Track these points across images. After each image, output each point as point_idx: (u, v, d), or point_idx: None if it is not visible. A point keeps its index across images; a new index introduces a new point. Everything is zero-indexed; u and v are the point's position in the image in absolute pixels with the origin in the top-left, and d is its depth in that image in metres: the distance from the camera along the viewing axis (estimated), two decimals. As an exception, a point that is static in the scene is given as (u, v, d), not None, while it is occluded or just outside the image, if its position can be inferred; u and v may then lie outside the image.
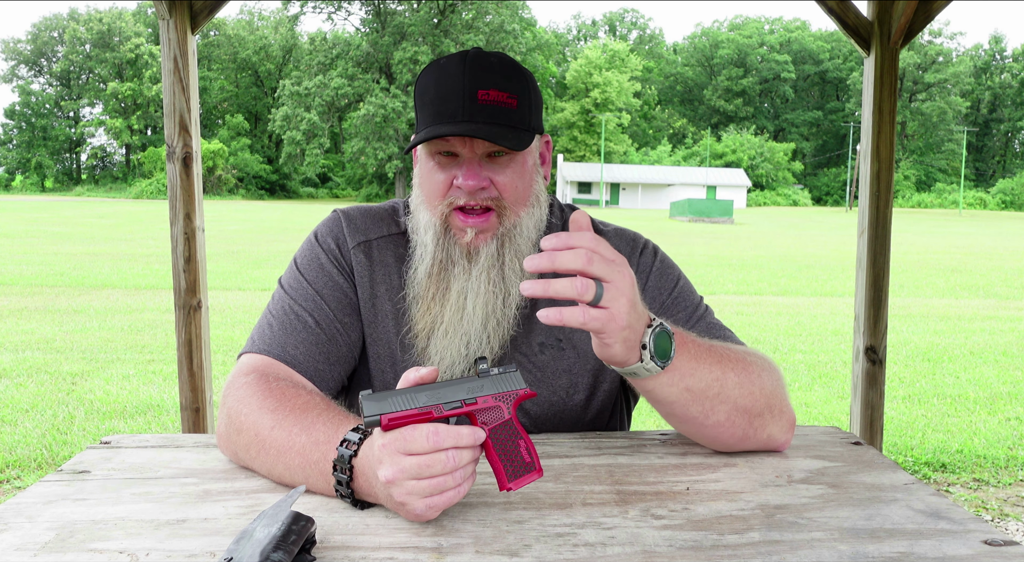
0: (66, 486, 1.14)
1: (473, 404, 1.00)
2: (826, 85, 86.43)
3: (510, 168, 1.32)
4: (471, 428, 0.99)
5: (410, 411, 0.98)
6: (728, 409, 1.19)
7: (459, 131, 1.25)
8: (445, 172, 1.32)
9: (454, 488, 0.97)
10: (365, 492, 1.04)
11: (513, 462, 1.01)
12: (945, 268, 16.13)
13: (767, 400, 1.23)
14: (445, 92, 1.29)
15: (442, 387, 1.00)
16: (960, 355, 7.61)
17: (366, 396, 0.98)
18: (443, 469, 0.96)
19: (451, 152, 1.31)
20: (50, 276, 12.38)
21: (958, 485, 4.18)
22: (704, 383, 1.16)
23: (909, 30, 3.19)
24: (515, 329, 1.37)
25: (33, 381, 6.07)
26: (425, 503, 0.97)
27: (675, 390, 1.14)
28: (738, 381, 1.19)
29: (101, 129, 74.22)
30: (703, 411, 1.17)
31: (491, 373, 1.02)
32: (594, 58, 72.77)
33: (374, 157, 60.71)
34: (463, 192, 1.30)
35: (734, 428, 1.21)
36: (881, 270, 3.31)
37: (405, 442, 0.96)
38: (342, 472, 1.04)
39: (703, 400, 1.16)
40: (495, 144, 1.26)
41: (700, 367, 1.15)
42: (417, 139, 1.30)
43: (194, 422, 3.17)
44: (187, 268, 3.12)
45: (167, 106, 3.10)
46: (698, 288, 1.49)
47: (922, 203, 70.93)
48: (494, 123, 1.27)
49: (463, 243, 1.33)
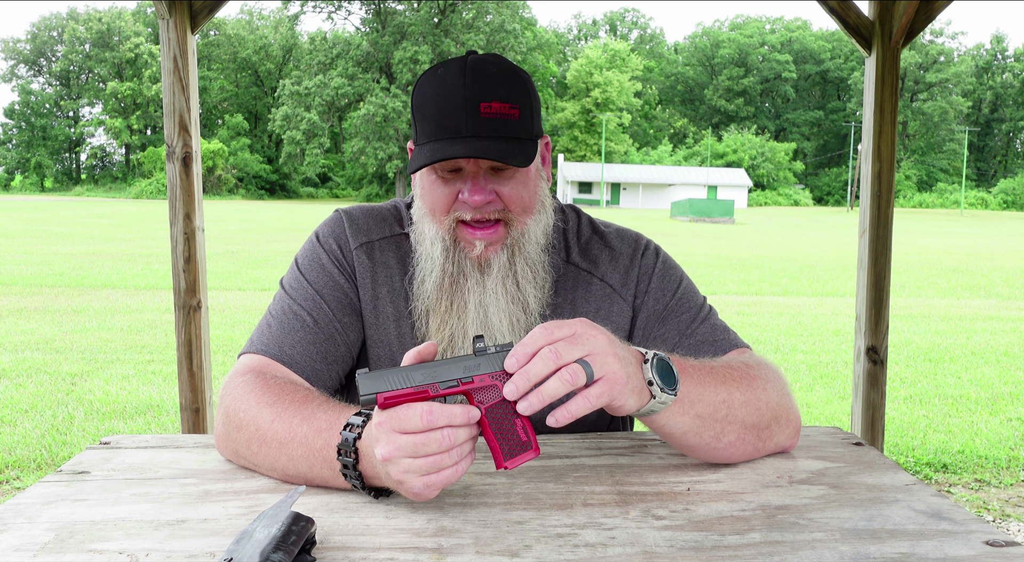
0: (66, 487, 1.13)
1: (469, 383, 1.00)
2: (827, 85, 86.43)
3: (515, 179, 1.31)
4: (465, 407, 0.98)
5: (406, 390, 0.97)
6: (738, 429, 1.18)
7: (467, 152, 1.23)
8: (449, 187, 1.31)
9: (451, 467, 0.97)
10: (371, 474, 1.04)
11: (509, 441, 1.00)
12: (946, 268, 16.12)
13: (773, 412, 1.22)
14: (446, 105, 1.26)
15: (439, 366, 1.00)
16: (961, 355, 7.61)
17: (363, 374, 0.98)
18: (438, 448, 0.96)
19: (455, 167, 1.30)
20: (50, 276, 12.39)
21: (959, 486, 4.17)
22: (712, 407, 1.15)
23: (910, 30, 3.19)
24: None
25: (33, 381, 6.07)
26: (422, 481, 0.97)
27: (686, 419, 1.13)
28: (744, 399, 1.18)
29: (101, 129, 74.32)
30: (715, 435, 1.16)
31: (488, 351, 1.01)
32: (595, 58, 72.77)
33: (374, 157, 60.73)
34: (469, 207, 1.29)
35: (745, 445, 1.20)
36: (882, 270, 3.30)
37: (399, 421, 0.96)
38: (347, 456, 1.04)
39: (713, 424, 1.15)
40: (505, 164, 1.26)
41: (706, 391, 1.14)
42: (424, 160, 1.26)
43: (194, 422, 3.17)
44: (187, 268, 3.11)
45: (167, 106, 3.10)
46: (699, 288, 1.49)
47: (923, 203, 70.93)
48: (499, 137, 1.26)
49: (473, 256, 1.33)
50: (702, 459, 1.24)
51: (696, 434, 1.15)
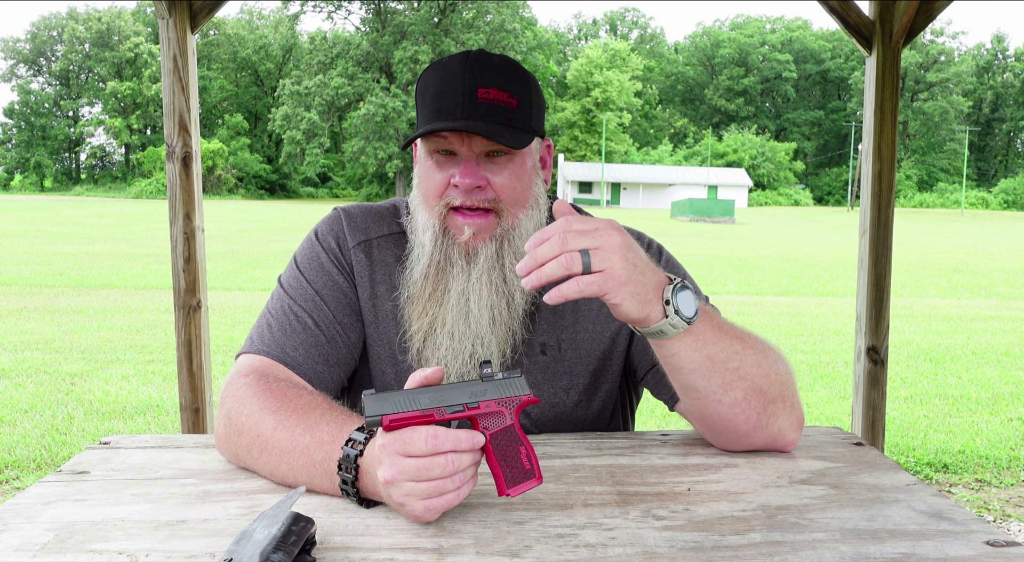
0: (65, 487, 1.13)
1: (475, 408, 1.00)
2: (828, 84, 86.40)
3: (508, 169, 1.31)
4: (470, 432, 0.98)
5: (412, 413, 0.98)
6: (746, 387, 1.18)
7: (456, 126, 1.24)
8: (443, 171, 1.31)
9: (453, 491, 0.98)
10: (370, 491, 1.04)
11: (513, 468, 1.01)
12: (947, 268, 16.12)
13: (781, 387, 1.22)
14: (445, 90, 1.28)
15: (445, 390, 1.00)
16: (962, 355, 7.61)
17: (368, 395, 0.98)
18: (442, 472, 0.96)
19: (449, 151, 1.30)
20: (49, 276, 12.38)
21: (960, 486, 4.17)
22: (725, 354, 1.15)
23: (911, 29, 3.19)
24: (523, 333, 1.36)
25: (32, 381, 6.07)
26: (424, 505, 0.97)
27: (698, 356, 1.13)
28: (756, 360, 1.19)
29: (100, 128, 74.29)
30: (722, 384, 1.16)
31: (495, 377, 1.02)
32: (595, 57, 72.75)
33: (374, 157, 60.71)
34: (460, 191, 1.30)
35: (749, 410, 1.19)
36: (883, 270, 3.30)
37: (404, 444, 0.96)
38: (347, 471, 1.04)
39: (724, 371, 1.16)
40: (492, 141, 1.26)
41: (722, 337, 1.15)
42: (415, 134, 1.29)
43: (194, 422, 3.17)
44: (187, 268, 3.11)
45: (167, 105, 3.10)
46: (700, 288, 1.48)
47: (924, 203, 70.91)
48: (492, 121, 1.27)
49: (461, 243, 1.32)
50: (706, 418, 1.23)
51: (704, 376, 1.15)
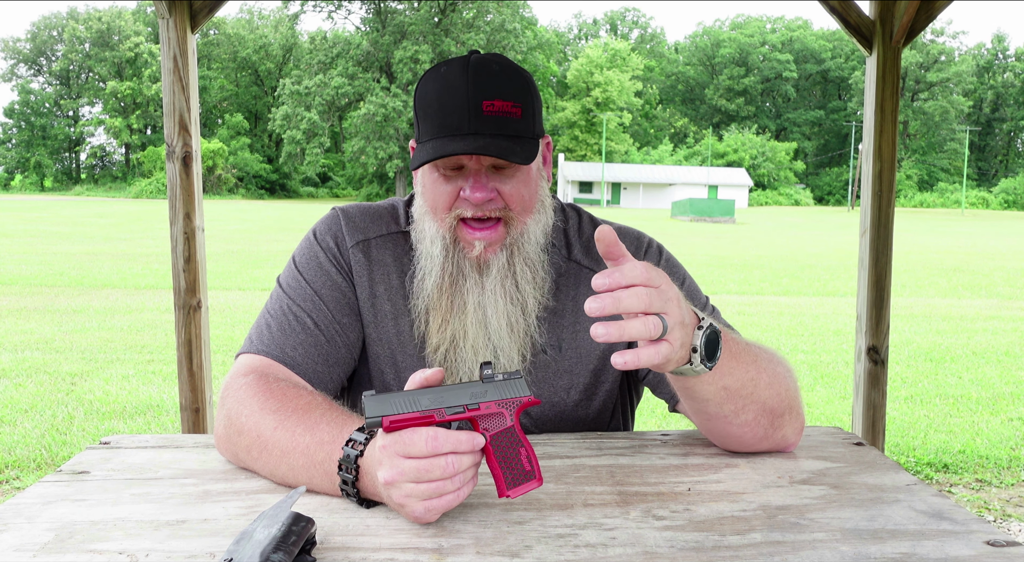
0: (65, 487, 1.13)
1: (476, 409, 1.00)
2: (828, 84, 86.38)
3: (516, 178, 1.31)
4: (470, 433, 0.98)
5: (412, 414, 0.98)
6: (757, 409, 1.19)
7: (469, 148, 1.23)
8: (451, 184, 1.31)
9: (453, 492, 0.98)
10: (370, 492, 1.05)
11: (513, 469, 1.01)
12: (947, 268, 16.12)
13: (789, 402, 1.24)
14: (449, 104, 1.27)
15: (446, 391, 1.00)
16: (962, 355, 7.60)
17: (369, 397, 0.98)
18: (442, 474, 0.96)
19: (456, 165, 1.30)
20: (50, 276, 12.38)
21: (960, 486, 4.17)
22: (740, 383, 1.16)
23: (911, 29, 3.19)
24: (539, 335, 1.37)
25: (32, 381, 6.07)
26: (424, 506, 0.97)
27: (713, 388, 1.14)
28: (768, 381, 1.20)
29: (100, 128, 74.30)
30: (735, 410, 1.18)
31: (496, 379, 1.02)
32: (595, 57, 72.74)
33: (374, 156, 60.72)
34: (470, 204, 1.29)
35: (758, 428, 1.22)
36: (883, 270, 3.30)
37: (404, 445, 0.96)
38: (347, 472, 1.05)
39: (736, 399, 1.16)
40: (506, 161, 1.26)
41: (738, 367, 1.15)
42: (426, 157, 1.26)
43: (194, 422, 3.17)
44: (187, 268, 3.11)
45: (167, 105, 3.09)
46: (700, 288, 1.49)
47: (924, 203, 70.89)
48: (500, 135, 1.26)
49: (472, 257, 1.33)
50: (714, 435, 1.25)
51: (718, 405, 1.17)
